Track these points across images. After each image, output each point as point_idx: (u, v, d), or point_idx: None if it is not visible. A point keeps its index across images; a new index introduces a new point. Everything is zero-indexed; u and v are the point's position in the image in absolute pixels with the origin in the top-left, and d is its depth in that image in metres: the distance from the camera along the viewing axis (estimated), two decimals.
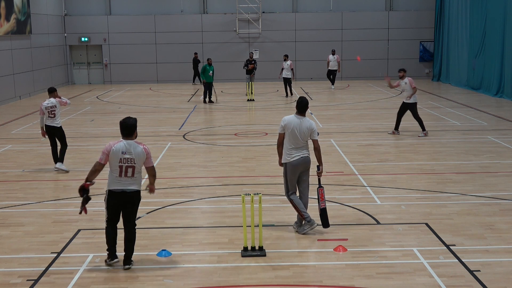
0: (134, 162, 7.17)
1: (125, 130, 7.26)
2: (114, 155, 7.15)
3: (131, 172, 7.18)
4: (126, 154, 7.15)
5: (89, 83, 33.10)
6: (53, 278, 7.03)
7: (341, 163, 12.85)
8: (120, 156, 7.14)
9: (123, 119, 7.33)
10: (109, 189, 7.24)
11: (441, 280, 6.80)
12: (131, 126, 7.27)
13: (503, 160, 12.93)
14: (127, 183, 7.19)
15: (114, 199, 7.21)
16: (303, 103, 8.42)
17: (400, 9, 32.46)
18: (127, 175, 7.17)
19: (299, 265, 7.37)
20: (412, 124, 17.54)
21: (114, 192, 7.20)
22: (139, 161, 7.20)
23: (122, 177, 7.17)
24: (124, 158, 7.14)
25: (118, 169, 7.16)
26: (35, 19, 27.91)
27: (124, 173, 7.16)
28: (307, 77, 32.24)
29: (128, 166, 7.16)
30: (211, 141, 15.64)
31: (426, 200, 10.01)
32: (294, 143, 8.32)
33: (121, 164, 7.14)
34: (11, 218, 9.42)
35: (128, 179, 7.19)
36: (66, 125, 18.62)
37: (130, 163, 7.16)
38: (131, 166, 7.16)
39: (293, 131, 8.30)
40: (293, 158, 8.33)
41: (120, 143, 7.20)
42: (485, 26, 25.35)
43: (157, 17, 32.23)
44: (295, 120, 8.36)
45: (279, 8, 32.58)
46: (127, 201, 7.22)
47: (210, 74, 23.18)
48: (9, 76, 24.90)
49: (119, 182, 7.18)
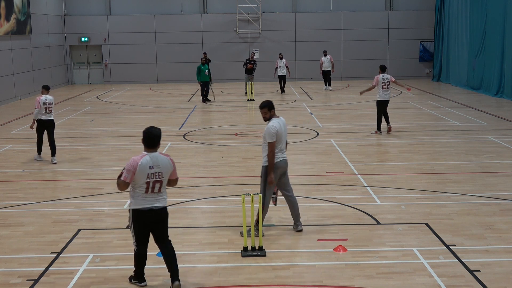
0: (162, 176, 6.54)
1: (150, 141, 6.55)
2: (141, 171, 6.44)
3: (159, 187, 6.55)
4: (154, 168, 6.49)
5: (89, 83, 33.10)
6: (53, 278, 7.03)
7: (341, 163, 12.85)
8: (147, 171, 6.46)
9: (147, 129, 6.61)
10: (133, 209, 6.57)
11: (441, 280, 6.80)
12: (156, 136, 6.56)
13: (503, 160, 12.93)
14: (154, 200, 6.57)
15: (141, 219, 6.56)
16: (272, 102, 8.29)
17: (400, 9, 32.46)
18: (154, 191, 6.54)
19: (299, 265, 7.37)
20: (411, 124, 17.54)
21: (140, 211, 6.53)
22: (166, 175, 6.59)
23: (148, 194, 6.53)
24: (151, 173, 6.48)
25: (145, 185, 6.49)
26: (35, 19, 27.92)
27: (151, 189, 6.53)
28: (307, 77, 32.23)
29: (156, 181, 6.52)
30: (211, 141, 15.64)
31: (426, 200, 10.01)
32: (279, 147, 8.25)
33: (149, 180, 6.48)
34: (11, 218, 9.42)
35: (155, 195, 6.57)
36: (66, 125, 18.66)
37: (158, 177, 6.52)
38: (159, 181, 6.53)
39: (281, 135, 8.20)
40: (277, 159, 8.25)
41: (146, 157, 6.50)
42: (485, 26, 25.35)
43: (157, 17, 32.23)
44: (280, 123, 8.20)
45: (279, 8, 32.59)
46: (156, 220, 6.61)
47: (206, 73, 23.24)
48: (9, 76, 24.90)
49: (144, 199, 6.53)
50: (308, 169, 12.37)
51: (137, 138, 16.12)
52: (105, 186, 11.28)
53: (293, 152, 14.03)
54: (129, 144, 15.36)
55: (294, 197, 8.58)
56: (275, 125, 8.12)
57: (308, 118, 19.22)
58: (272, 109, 8.28)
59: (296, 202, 8.56)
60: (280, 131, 8.16)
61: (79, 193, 10.74)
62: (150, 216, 6.55)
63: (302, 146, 14.80)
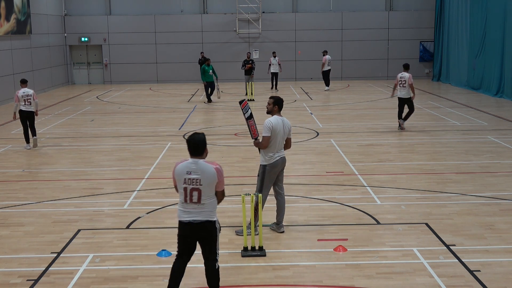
0: (200, 184, 5.93)
1: (191, 148, 6.04)
2: (178, 175, 5.99)
3: (197, 197, 5.95)
4: (192, 174, 5.95)
5: (89, 83, 33.10)
6: (53, 278, 7.03)
7: (341, 163, 12.85)
8: (184, 176, 5.97)
9: (190, 136, 6.12)
10: (178, 220, 6.12)
11: (441, 280, 6.80)
12: (200, 142, 6.03)
13: (503, 160, 12.93)
14: (194, 212, 6.00)
15: (182, 232, 6.08)
16: (282, 101, 8.32)
17: (400, 9, 32.46)
18: (192, 200, 5.97)
19: (299, 265, 7.37)
20: (411, 124, 17.54)
21: (180, 223, 6.07)
22: (207, 184, 5.96)
23: (187, 203, 6.00)
24: (188, 178, 5.95)
25: (183, 193, 5.99)
26: (35, 19, 27.92)
27: (189, 198, 5.97)
28: (307, 77, 32.23)
29: (193, 189, 5.95)
30: (211, 141, 15.64)
31: (426, 200, 10.01)
32: (277, 146, 8.24)
33: (185, 186, 5.97)
34: (11, 218, 9.42)
35: (195, 207, 5.99)
36: (66, 125, 18.66)
37: (196, 184, 5.93)
38: (196, 189, 5.94)
39: (279, 133, 8.18)
40: (274, 159, 8.25)
41: (185, 162, 6.03)
42: (485, 26, 25.35)
43: (157, 17, 32.23)
44: (279, 121, 8.18)
45: (279, 8, 32.59)
46: (197, 235, 6.07)
47: (210, 73, 23.27)
48: (9, 76, 24.89)
49: (184, 210, 6.03)
50: (308, 169, 12.38)
51: (137, 138, 16.16)
52: (105, 186, 11.28)
53: (293, 152, 14.04)
54: (129, 144, 15.36)
55: (284, 197, 8.54)
56: (272, 120, 8.14)
57: (308, 118, 19.22)
58: (277, 105, 8.25)
59: (284, 203, 8.52)
60: (277, 128, 8.11)
61: (79, 193, 10.73)
62: (190, 229, 6.02)
63: (302, 146, 14.80)
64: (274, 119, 8.18)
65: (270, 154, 8.22)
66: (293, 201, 10.08)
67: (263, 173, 8.27)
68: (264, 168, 8.26)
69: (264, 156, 8.26)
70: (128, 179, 11.73)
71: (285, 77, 31.84)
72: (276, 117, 8.22)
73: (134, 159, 13.59)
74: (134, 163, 13.13)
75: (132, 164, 13.09)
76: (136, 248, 7.97)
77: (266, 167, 8.25)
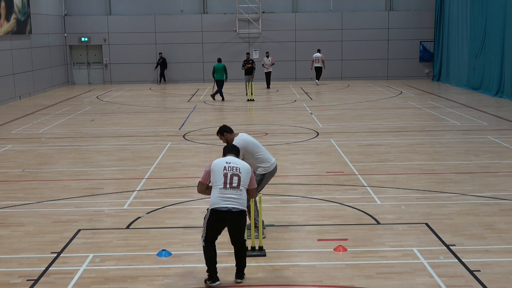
0: (240, 171, 6.62)
1: (230, 148, 7.05)
2: (217, 165, 6.68)
3: (237, 181, 6.57)
4: (231, 164, 6.68)
5: (89, 83, 33.10)
6: (53, 278, 7.03)
7: (341, 163, 12.85)
8: (224, 164, 6.66)
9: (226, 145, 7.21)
10: (212, 208, 6.58)
11: (441, 280, 6.80)
12: (235, 147, 7.14)
13: (503, 160, 12.93)
14: (233, 199, 6.52)
15: (219, 217, 6.57)
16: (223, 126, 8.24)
17: (400, 9, 32.45)
18: (233, 185, 6.54)
19: (299, 265, 7.36)
20: (411, 124, 17.53)
21: (217, 211, 6.54)
22: (245, 174, 6.66)
23: (226, 189, 6.54)
24: (229, 166, 6.64)
25: (223, 178, 6.57)
26: (35, 19, 27.91)
27: (230, 183, 6.55)
28: (307, 77, 32.23)
29: (234, 174, 6.58)
30: (211, 141, 15.64)
31: (426, 200, 10.01)
32: (267, 154, 8.28)
33: (226, 172, 6.59)
34: (11, 218, 9.41)
35: (234, 192, 6.53)
36: (66, 125, 18.66)
37: (236, 171, 6.61)
38: (237, 174, 6.59)
39: (254, 144, 8.17)
40: (273, 166, 8.30)
41: (222, 158, 6.85)
42: (485, 26, 25.35)
43: (157, 17, 32.23)
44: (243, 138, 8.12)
45: (279, 8, 32.58)
46: (232, 222, 6.62)
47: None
48: (9, 76, 24.89)
49: (223, 197, 6.52)
50: (308, 169, 12.38)
51: (137, 138, 16.16)
52: (105, 186, 11.28)
53: (293, 152, 14.05)
54: (129, 144, 15.35)
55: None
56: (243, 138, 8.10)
57: (308, 118, 19.22)
58: (224, 133, 8.16)
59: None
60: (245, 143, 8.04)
61: (79, 193, 10.73)
62: (226, 217, 6.54)
63: (302, 146, 14.80)
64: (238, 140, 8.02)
65: (268, 165, 8.24)
66: (293, 201, 10.08)
67: (261, 180, 8.27)
68: (263, 176, 8.28)
69: (263, 166, 8.22)
70: (128, 179, 11.73)
71: (285, 77, 31.84)
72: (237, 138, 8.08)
73: (134, 159, 13.59)
74: (134, 163, 13.13)
75: (132, 164, 13.09)
76: (136, 248, 7.97)
77: (266, 174, 8.28)
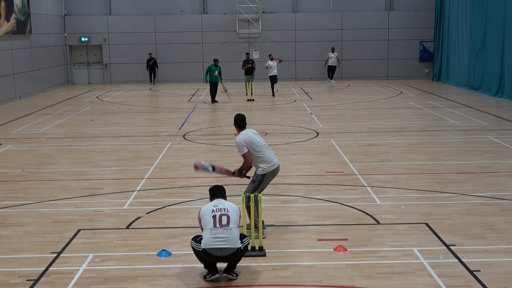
0: (228, 211, 6.80)
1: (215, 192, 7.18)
2: (206, 210, 6.88)
3: (226, 220, 6.73)
4: (219, 205, 6.87)
5: (89, 83, 33.10)
6: (53, 278, 7.03)
7: (341, 163, 12.85)
8: (212, 208, 6.85)
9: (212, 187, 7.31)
10: (203, 248, 6.72)
11: (441, 280, 6.80)
12: (222, 188, 7.24)
13: (503, 160, 12.93)
14: (223, 239, 6.64)
15: (212, 256, 6.73)
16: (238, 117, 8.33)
17: (400, 9, 32.45)
18: (222, 224, 6.71)
19: (299, 265, 7.37)
20: (411, 124, 17.53)
21: (210, 250, 6.69)
22: (233, 213, 6.82)
23: (217, 228, 6.69)
24: (217, 208, 6.83)
25: (212, 220, 6.74)
26: (35, 19, 27.91)
27: (219, 222, 6.71)
28: (307, 77, 32.24)
29: (223, 214, 6.77)
30: (211, 141, 15.65)
31: (426, 200, 10.01)
32: (270, 153, 8.25)
33: (214, 214, 6.77)
34: (11, 218, 9.42)
35: (224, 232, 6.66)
36: (66, 125, 18.66)
37: (224, 211, 6.80)
38: (226, 214, 6.77)
39: (259, 143, 8.18)
40: (275, 165, 8.27)
41: (210, 203, 7.03)
42: (485, 26, 25.34)
43: (157, 17, 32.23)
44: (249, 133, 8.19)
45: (279, 8, 32.58)
46: (225, 259, 6.77)
47: (215, 74, 23.22)
48: (9, 76, 24.89)
49: (214, 238, 6.65)
50: (308, 169, 12.38)
51: (137, 138, 16.16)
52: (105, 186, 11.28)
53: (293, 152, 14.05)
54: (129, 144, 15.35)
55: None
56: (242, 138, 8.13)
57: (308, 118, 19.22)
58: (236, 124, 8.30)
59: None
60: (251, 140, 8.11)
61: (79, 193, 10.74)
62: (220, 255, 6.69)
63: (302, 146, 14.80)
64: (244, 135, 8.16)
65: (270, 165, 8.21)
66: (293, 201, 10.09)
67: (260, 181, 8.25)
68: (263, 176, 8.24)
69: (263, 166, 8.19)
70: (128, 179, 11.73)
71: (285, 77, 31.83)
72: (243, 132, 8.20)
73: (134, 159, 13.59)
74: (134, 163, 13.13)
75: (132, 164, 13.09)
76: (136, 248, 7.98)
77: (266, 174, 8.24)
